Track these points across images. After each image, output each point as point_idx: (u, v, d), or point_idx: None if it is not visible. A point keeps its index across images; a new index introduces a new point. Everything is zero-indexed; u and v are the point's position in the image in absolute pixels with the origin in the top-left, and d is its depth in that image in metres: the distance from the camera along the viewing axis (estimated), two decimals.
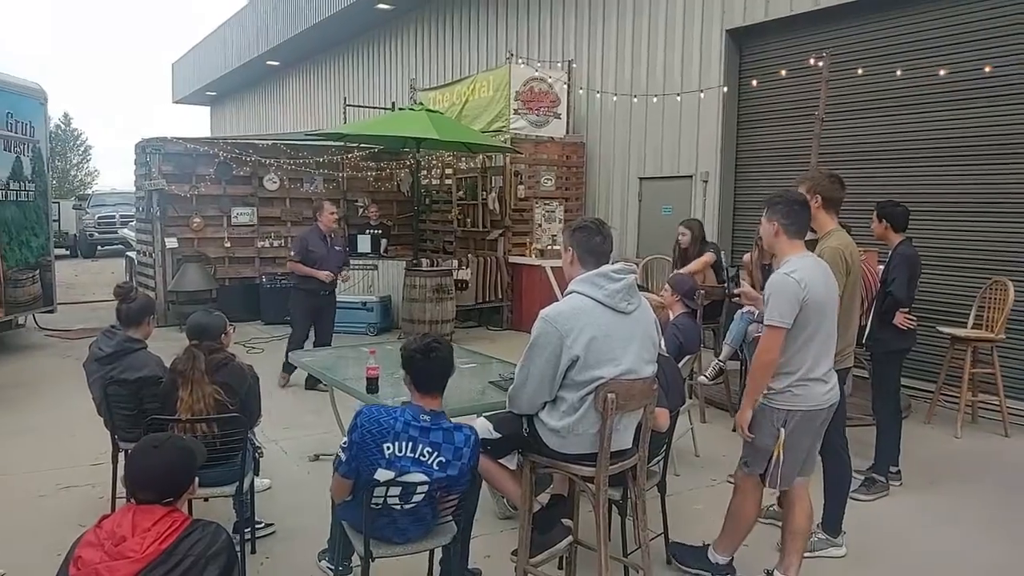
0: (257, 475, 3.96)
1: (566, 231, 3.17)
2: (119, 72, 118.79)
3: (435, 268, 9.34)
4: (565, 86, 10.75)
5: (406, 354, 2.87)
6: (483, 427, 3.25)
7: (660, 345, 3.27)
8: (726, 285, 6.58)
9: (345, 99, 15.44)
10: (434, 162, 11.78)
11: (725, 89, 8.82)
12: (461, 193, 11.39)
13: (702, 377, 5.97)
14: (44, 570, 3.06)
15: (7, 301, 8.56)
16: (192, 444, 2.45)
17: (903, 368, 4.99)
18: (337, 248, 7.26)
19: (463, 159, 11.12)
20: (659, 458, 3.70)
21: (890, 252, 4.97)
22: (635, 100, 9.94)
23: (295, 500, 4.45)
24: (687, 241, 7.10)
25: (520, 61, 11.05)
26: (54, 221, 11.71)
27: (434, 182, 12.08)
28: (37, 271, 9.24)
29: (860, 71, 7.17)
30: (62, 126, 45.81)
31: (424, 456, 2.76)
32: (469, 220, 11.13)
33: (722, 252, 7.29)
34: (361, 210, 11.41)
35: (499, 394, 4.06)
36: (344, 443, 2.82)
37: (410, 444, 2.75)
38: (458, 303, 9.49)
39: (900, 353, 4.88)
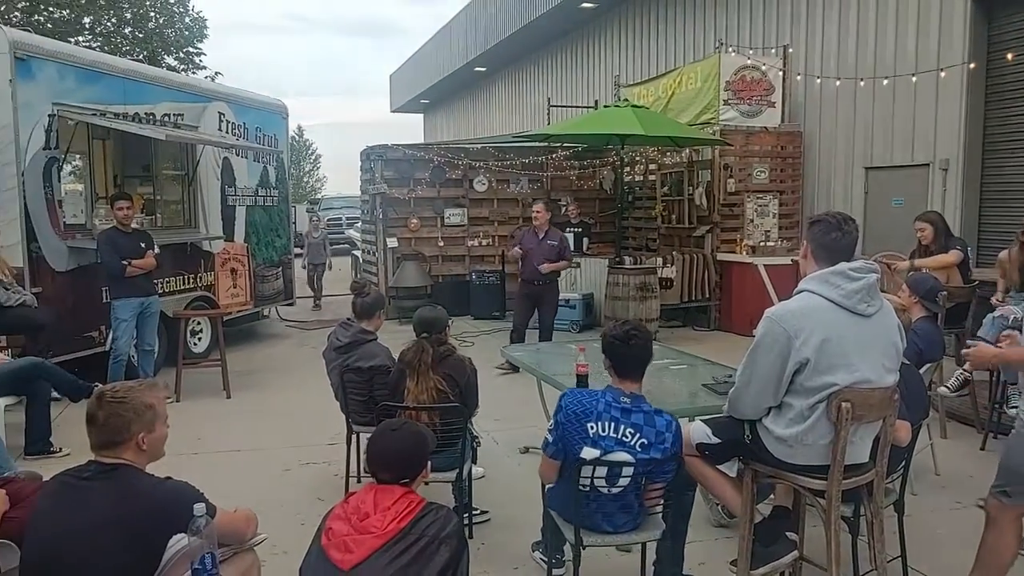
0: (475, 463, 4.12)
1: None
2: (343, 86, 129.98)
3: (639, 266, 9.22)
4: (780, 72, 10.17)
5: (607, 341, 3.00)
6: (701, 431, 3.14)
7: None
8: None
9: (549, 100, 15.71)
10: (638, 158, 11.64)
11: (972, 65, 7.88)
12: (666, 189, 11.16)
13: (944, 388, 5.35)
14: (290, 536, 3.39)
15: (255, 295, 9.63)
16: (425, 430, 2.60)
17: None
18: (550, 243, 7.73)
19: (668, 154, 10.89)
20: (897, 475, 3.37)
21: None
22: (861, 83, 9.17)
23: (508, 490, 4.58)
24: (929, 237, 6.27)
25: (730, 49, 10.62)
26: (291, 224, 13.00)
27: (637, 178, 11.94)
28: (279, 268, 10.31)
29: None
30: (296, 137, 50.98)
31: (627, 437, 2.83)
32: (674, 216, 10.88)
33: (968, 248, 6.47)
34: (563, 209, 11.55)
35: (712, 397, 3.94)
36: (551, 425, 2.95)
37: (612, 424, 2.84)
38: (662, 302, 9.30)
39: None
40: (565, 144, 11.22)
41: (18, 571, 2.21)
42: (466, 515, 3.81)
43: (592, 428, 2.83)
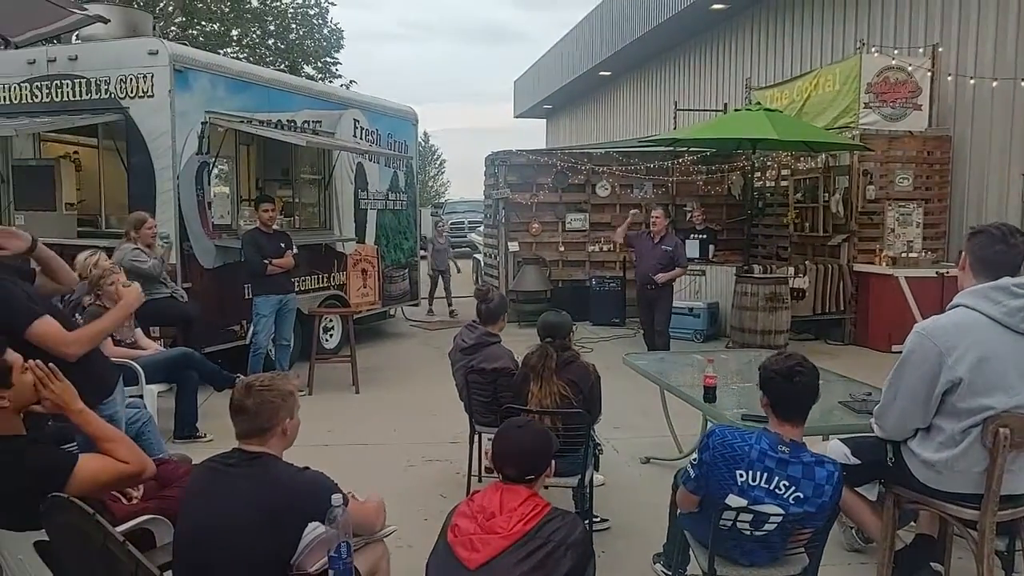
0: (596, 470, 4.09)
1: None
2: (466, 92, 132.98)
3: (769, 275, 8.88)
4: (928, 73, 9.53)
5: (765, 374, 2.65)
6: (838, 451, 2.98)
7: None
8: None
9: (675, 104, 15.43)
10: (769, 163, 11.22)
11: None
12: (799, 195, 10.69)
13: None
14: (414, 530, 3.48)
15: (383, 295, 9.99)
16: (548, 430, 2.61)
17: None
18: (664, 248, 7.69)
19: (802, 159, 10.42)
20: None
21: None
22: (1022, 84, 8.45)
23: (628, 499, 4.53)
24: None
25: (873, 50, 10.06)
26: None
27: (768, 184, 11.50)
28: (406, 270, 10.65)
29: None
30: (422, 143, 52.58)
31: (780, 490, 2.53)
32: (807, 224, 10.40)
33: None
34: (688, 215, 11.30)
35: (849, 416, 3.75)
36: (694, 460, 2.74)
37: (765, 475, 2.54)
38: (793, 313, 8.91)
39: None
40: (691, 148, 10.98)
41: (171, 546, 2.38)
42: (586, 521, 3.78)
43: (741, 476, 2.56)
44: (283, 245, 6.86)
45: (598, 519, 4.03)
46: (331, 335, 8.72)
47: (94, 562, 2.13)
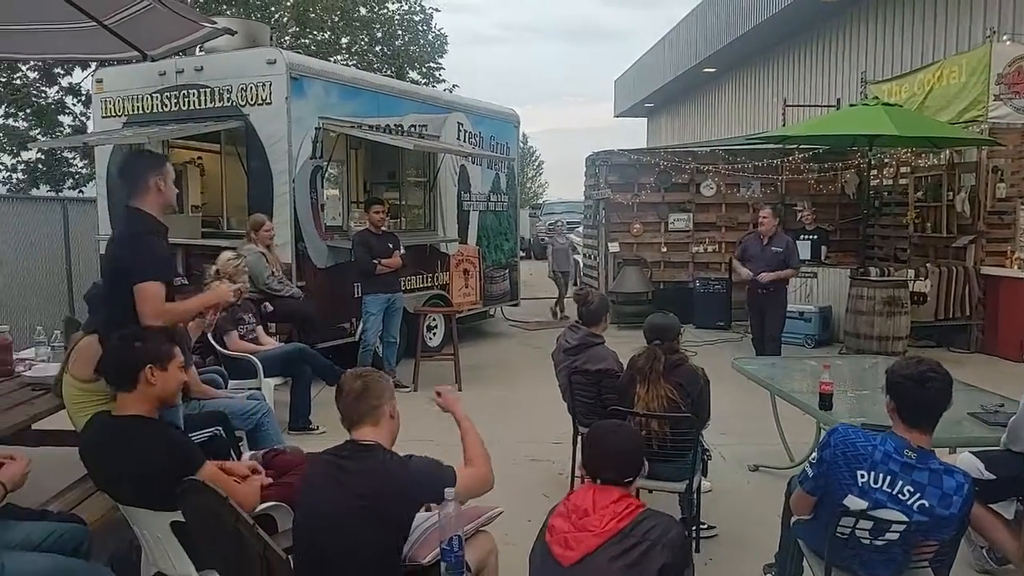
0: (704, 476, 4.00)
1: None
2: (563, 93, 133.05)
3: (887, 278, 8.44)
4: None
5: (894, 379, 2.55)
6: (971, 464, 2.81)
7: None
8: None
9: (784, 100, 14.89)
10: (887, 160, 10.67)
11: None
12: (920, 194, 10.11)
13: None
14: (517, 529, 3.50)
15: (484, 295, 10.11)
16: (638, 431, 2.64)
17: None
18: (774, 249, 7.28)
19: (924, 156, 9.86)
20: None
21: None
22: None
23: (736, 507, 4.41)
24: None
25: (1004, 38, 9.39)
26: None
27: (886, 182, 10.93)
28: (507, 270, 10.74)
29: None
30: (521, 144, 52.86)
31: (903, 495, 2.43)
32: (929, 224, 9.83)
33: None
34: (799, 214, 10.88)
35: (980, 428, 3.54)
36: (813, 458, 2.66)
37: (888, 478, 2.44)
38: (913, 319, 8.42)
39: None
40: (802, 146, 10.57)
41: (291, 532, 2.49)
42: (692, 528, 3.71)
43: (863, 477, 2.47)
44: (391, 245, 7.06)
45: (705, 526, 3.94)
46: (434, 333, 8.91)
47: (226, 543, 2.26)
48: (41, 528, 2.67)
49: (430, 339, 8.70)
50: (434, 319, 8.82)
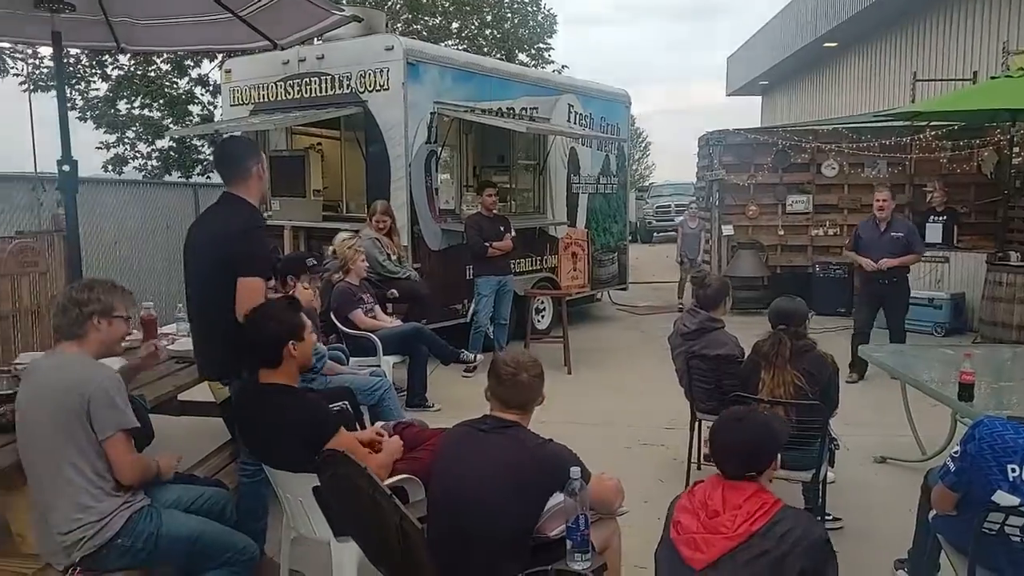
0: (832, 467, 3.87)
1: None
2: (671, 73, 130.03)
3: None
4: None
5: None
6: None
7: None
8: None
9: (914, 74, 14.00)
10: None
11: None
12: None
13: None
14: (635, 513, 3.43)
15: (592, 278, 10.06)
16: (774, 421, 2.47)
17: None
18: (894, 235, 6.68)
19: None
20: None
21: None
22: None
23: (862, 499, 4.25)
24: None
25: None
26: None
27: None
28: (615, 253, 10.64)
29: None
30: (629, 126, 52.05)
31: None
32: None
33: None
34: (929, 195, 10.23)
35: None
36: (955, 452, 2.52)
37: None
38: None
39: None
40: (933, 123, 9.91)
41: (424, 503, 2.58)
42: (818, 519, 3.59)
43: (1014, 471, 2.36)
44: (503, 228, 7.13)
45: (830, 518, 3.82)
46: (543, 316, 8.95)
47: (363, 510, 2.37)
48: (191, 491, 2.89)
49: (538, 321, 8.75)
50: (542, 302, 8.86)
